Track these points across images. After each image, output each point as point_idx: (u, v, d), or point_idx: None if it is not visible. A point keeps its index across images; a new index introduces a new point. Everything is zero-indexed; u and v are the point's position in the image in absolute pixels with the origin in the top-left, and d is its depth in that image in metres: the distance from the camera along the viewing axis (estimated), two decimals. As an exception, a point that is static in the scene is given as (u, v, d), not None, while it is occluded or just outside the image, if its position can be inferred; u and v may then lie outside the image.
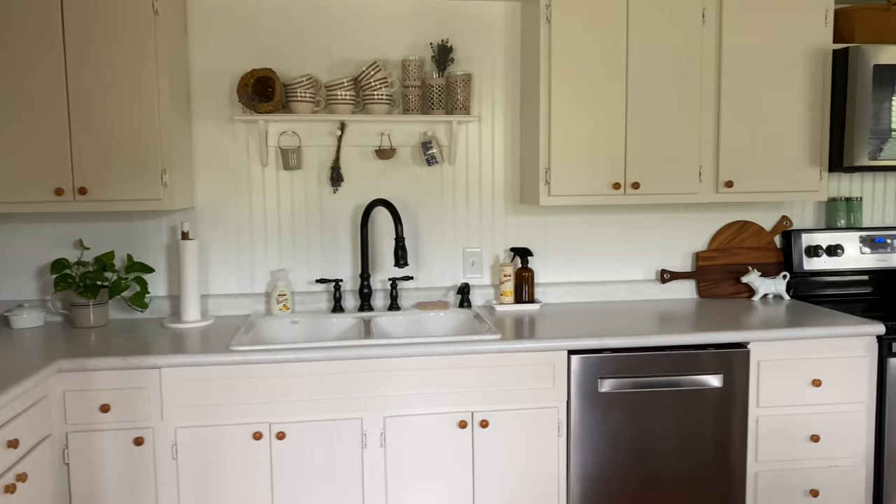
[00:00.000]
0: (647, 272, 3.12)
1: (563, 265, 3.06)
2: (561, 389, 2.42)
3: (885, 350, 2.53)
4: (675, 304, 2.97)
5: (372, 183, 2.91)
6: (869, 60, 2.65)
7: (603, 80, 2.65)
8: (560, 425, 2.43)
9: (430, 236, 2.97)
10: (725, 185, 2.74)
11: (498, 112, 2.95)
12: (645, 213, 3.09)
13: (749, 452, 2.52)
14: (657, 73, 2.67)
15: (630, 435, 2.46)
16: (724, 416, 2.49)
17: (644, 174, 2.71)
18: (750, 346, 2.49)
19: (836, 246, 3.05)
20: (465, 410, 2.38)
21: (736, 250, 3.11)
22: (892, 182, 3.20)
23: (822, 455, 2.55)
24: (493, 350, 2.36)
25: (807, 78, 2.74)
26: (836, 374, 2.53)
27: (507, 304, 2.92)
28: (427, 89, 2.81)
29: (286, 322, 2.77)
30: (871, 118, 2.67)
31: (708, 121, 2.72)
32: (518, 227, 3.02)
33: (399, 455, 2.37)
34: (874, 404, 2.57)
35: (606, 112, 2.66)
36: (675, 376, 2.46)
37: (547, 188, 2.69)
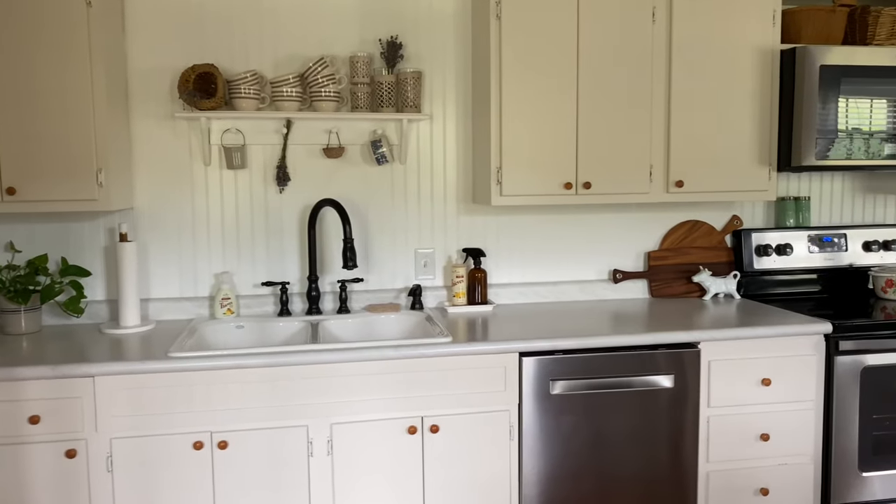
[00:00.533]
0: (599, 272, 3.10)
1: (516, 266, 3.03)
2: (512, 392, 2.38)
3: (832, 348, 2.55)
4: (628, 304, 2.96)
5: (320, 182, 2.84)
6: (815, 61, 2.67)
7: (554, 79, 2.62)
8: (512, 429, 2.39)
9: (381, 237, 2.91)
10: (676, 185, 2.74)
11: (450, 110, 2.90)
12: (597, 213, 3.07)
13: (700, 452, 2.52)
14: (608, 73, 2.65)
15: (582, 437, 2.43)
16: (676, 416, 2.48)
17: (595, 174, 2.69)
18: (700, 346, 2.49)
19: (785, 245, 3.08)
20: (414, 415, 2.32)
21: (687, 250, 3.12)
22: (839, 181, 3.25)
23: (772, 454, 2.56)
24: (443, 353, 2.31)
25: (755, 78, 2.76)
26: (785, 373, 2.54)
27: (459, 305, 2.87)
28: (376, 87, 2.75)
29: (231, 326, 2.68)
30: (818, 118, 2.69)
31: (658, 120, 2.72)
32: (471, 228, 2.98)
33: (347, 463, 2.30)
34: (822, 402, 2.59)
35: (557, 111, 2.64)
36: (627, 377, 2.44)
37: (499, 188, 2.64)
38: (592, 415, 2.43)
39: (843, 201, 3.26)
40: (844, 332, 2.55)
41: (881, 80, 2.73)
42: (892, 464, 2.61)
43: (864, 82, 2.71)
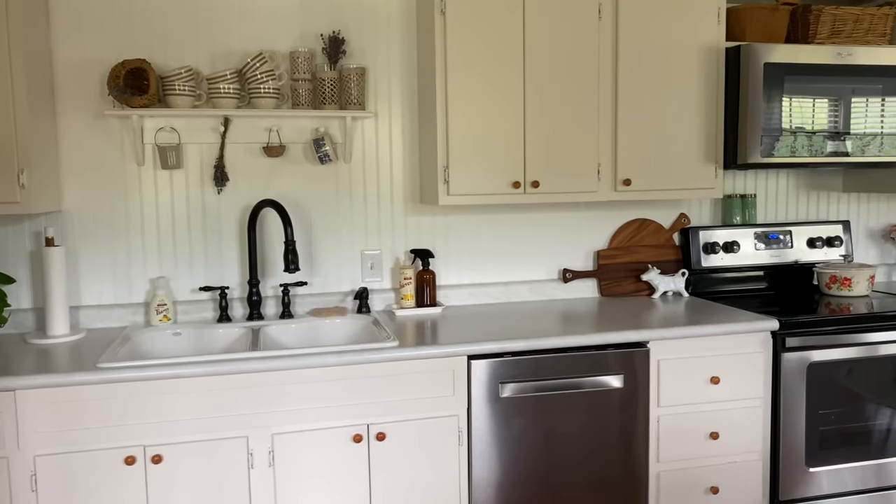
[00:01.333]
0: (549, 272, 3.07)
1: (465, 266, 2.97)
2: (461, 396, 2.32)
3: (778, 345, 2.56)
4: (578, 304, 2.93)
5: (260, 182, 2.73)
6: (759, 59, 2.68)
7: (500, 76, 2.57)
8: (461, 434, 2.33)
9: (326, 239, 2.82)
10: (623, 184, 2.71)
11: (396, 108, 2.83)
12: (547, 213, 3.04)
13: (651, 452, 2.50)
14: (555, 70, 2.62)
15: (533, 440, 2.39)
16: (626, 416, 2.46)
17: (543, 173, 2.65)
18: (650, 345, 2.47)
19: (732, 243, 3.09)
20: (360, 423, 2.24)
21: (636, 248, 3.10)
22: (784, 179, 3.28)
23: (722, 452, 2.56)
24: (389, 358, 2.24)
25: (701, 76, 2.75)
26: (733, 371, 2.54)
27: (408, 308, 2.80)
28: (318, 83, 2.66)
29: (167, 334, 2.56)
30: (763, 116, 2.70)
31: (606, 118, 2.69)
32: (419, 228, 2.91)
33: (290, 474, 2.21)
34: (770, 399, 2.59)
35: (504, 109, 2.59)
36: (577, 378, 2.41)
37: (446, 187, 2.58)
38: (542, 417, 2.39)
39: (789, 199, 3.29)
40: (791, 329, 2.56)
41: (823, 79, 2.75)
42: (838, 458, 2.64)
43: (806, 80, 2.73)
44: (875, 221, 3.40)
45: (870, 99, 2.81)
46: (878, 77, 2.80)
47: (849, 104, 2.80)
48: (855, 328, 2.61)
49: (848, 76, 2.77)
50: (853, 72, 2.77)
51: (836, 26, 2.90)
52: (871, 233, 3.40)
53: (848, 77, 2.77)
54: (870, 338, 2.62)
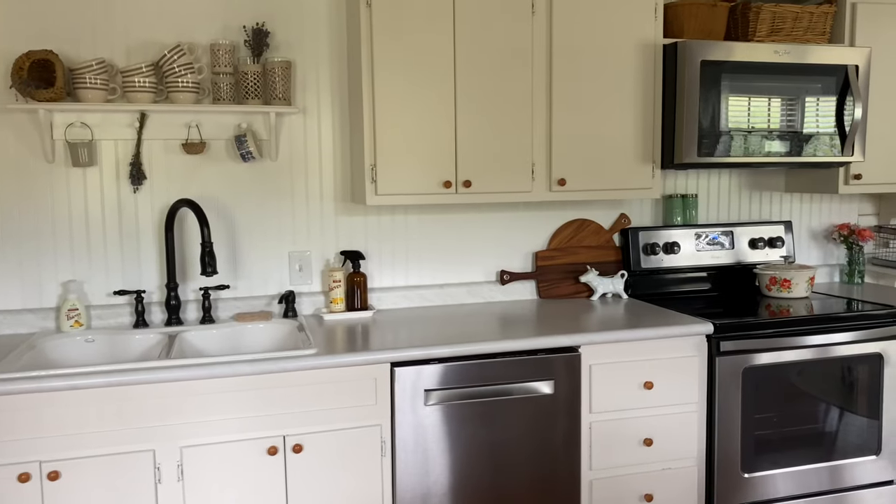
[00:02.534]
0: (487, 273, 2.98)
1: (399, 268, 2.87)
2: (384, 406, 2.23)
3: (713, 349, 2.51)
4: (514, 306, 2.85)
5: (180, 181, 2.61)
6: (696, 56, 2.62)
7: (430, 72, 2.48)
8: (384, 444, 2.24)
9: (252, 240, 2.70)
10: (558, 184, 2.64)
11: (325, 104, 2.72)
12: (484, 213, 2.95)
13: (583, 460, 2.43)
14: (487, 67, 2.53)
15: (461, 450, 2.30)
16: (557, 423, 2.38)
17: (476, 172, 2.56)
18: (581, 349, 2.40)
19: (672, 243, 3.04)
20: (275, 435, 2.14)
21: (575, 249, 3.04)
22: (725, 179, 3.23)
23: (656, 458, 2.50)
24: (306, 367, 2.13)
25: (638, 73, 2.69)
26: (667, 376, 2.48)
27: (337, 312, 2.69)
28: (241, 77, 2.54)
29: (79, 341, 2.42)
30: (700, 115, 2.65)
31: (540, 117, 2.61)
32: (350, 229, 2.81)
33: (200, 489, 2.09)
34: (705, 404, 2.54)
35: (435, 106, 2.49)
36: (506, 384, 2.33)
37: (373, 186, 2.48)
38: (471, 426, 2.31)
39: (731, 199, 3.25)
40: (725, 333, 2.51)
41: (761, 77, 2.70)
42: (773, 464, 2.60)
43: (744, 78, 2.68)
44: (818, 222, 3.38)
45: (808, 98, 2.77)
46: (816, 76, 2.76)
47: (787, 103, 2.75)
48: (791, 331, 2.57)
49: (786, 74, 2.73)
50: (791, 70, 2.73)
51: (776, 24, 2.86)
52: (813, 233, 3.38)
53: (786, 76, 2.73)
54: (806, 340, 2.58)
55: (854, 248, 3.29)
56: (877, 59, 2.94)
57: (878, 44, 2.93)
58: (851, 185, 2.99)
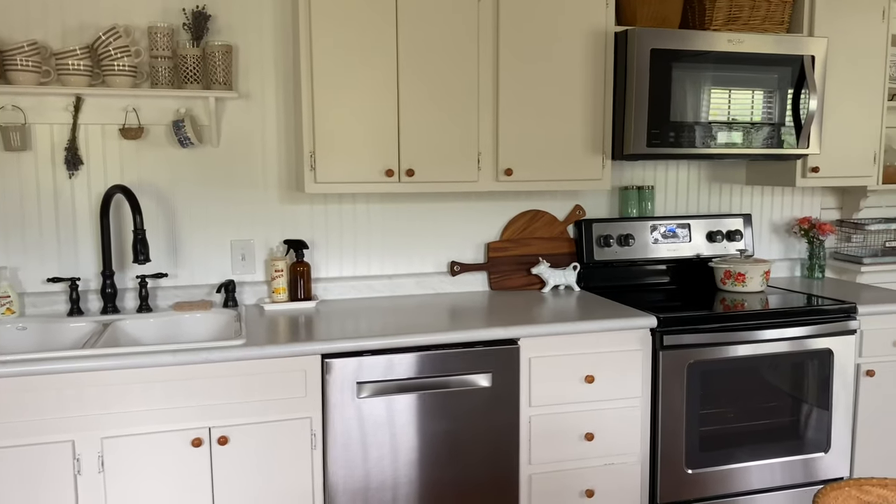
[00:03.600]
0: (438, 264, 2.94)
1: (347, 258, 2.83)
2: (314, 398, 2.18)
3: (657, 343, 2.47)
4: (464, 298, 2.80)
5: (118, 166, 2.55)
6: (646, 44, 2.56)
7: (371, 56, 2.42)
8: (314, 437, 2.20)
9: (193, 227, 2.65)
10: (505, 174, 2.59)
11: (269, 89, 2.66)
12: (435, 202, 2.90)
13: (522, 455, 2.39)
14: (432, 52, 2.47)
15: (396, 443, 2.26)
16: (495, 417, 2.34)
17: (420, 161, 2.51)
18: (520, 342, 2.35)
19: (626, 236, 2.99)
20: (200, 427, 2.09)
21: (528, 240, 2.99)
22: (684, 170, 3.18)
23: (597, 454, 2.46)
24: (233, 358, 2.09)
25: (588, 62, 2.63)
26: (610, 370, 2.44)
27: (280, 302, 2.65)
28: (180, 61, 2.48)
29: (9, 328, 2.37)
30: (650, 105, 2.59)
31: (486, 105, 2.56)
32: (296, 217, 2.76)
33: (122, 481, 2.05)
34: (649, 399, 2.50)
35: (376, 92, 2.44)
36: (442, 377, 2.28)
37: (313, 174, 2.43)
38: (406, 419, 2.26)
39: (690, 191, 3.20)
40: (670, 327, 2.46)
41: (715, 67, 2.65)
42: (717, 460, 2.56)
43: (697, 68, 2.63)
44: (779, 215, 3.33)
45: (764, 89, 2.72)
46: (772, 66, 2.71)
47: (742, 94, 2.70)
48: (737, 326, 2.53)
49: (741, 64, 2.67)
50: (746, 60, 2.67)
51: (733, 13, 2.80)
52: (775, 227, 3.33)
53: (741, 65, 2.68)
54: (753, 336, 2.54)
55: (815, 243, 3.24)
56: (836, 49, 2.88)
57: (838, 34, 2.88)
58: (809, 178, 2.94)
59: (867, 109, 2.96)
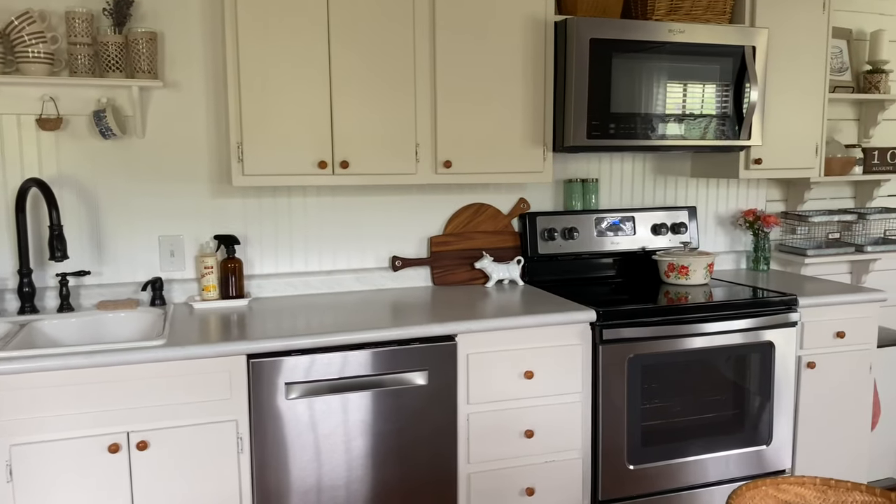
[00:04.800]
0: (379, 259, 2.86)
1: (283, 254, 2.73)
2: (240, 399, 2.09)
3: (597, 337, 2.42)
4: (405, 294, 2.73)
5: (36, 159, 2.43)
6: (585, 34, 2.52)
7: (301, 43, 2.33)
8: (241, 440, 2.11)
9: (118, 223, 2.53)
10: (444, 166, 2.52)
11: (197, 78, 2.56)
12: (376, 195, 2.82)
13: (460, 453, 2.33)
14: (366, 40, 2.39)
15: (328, 444, 2.18)
16: (432, 416, 2.28)
17: (354, 152, 2.43)
18: (458, 338, 2.29)
19: (571, 229, 2.95)
20: (117, 431, 1.99)
21: (472, 234, 2.93)
22: (629, 163, 3.15)
23: (537, 451, 2.41)
24: (151, 359, 1.99)
25: (528, 51, 2.58)
26: (550, 365, 2.39)
27: (210, 300, 2.55)
28: (101, 48, 2.37)
29: (-83, 331, 2.24)
30: (589, 96, 2.54)
31: (424, 95, 2.49)
32: (228, 211, 2.66)
33: (33, 492, 1.94)
34: (590, 394, 2.46)
35: (308, 81, 2.35)
36: (376, 376, 2.21)
37: (241, 166, 2.34)
38: (339, 419, 2.19)
39: (635, 184, 3.17)
40: (609, 320, 2.42)
41: (656, 57, 2.61)
42: (659, 456, 2.53)
43: (637, 58, 2.59)
44: (725, 208, 3.32)
45: (705, 80, 2.69)
46: (713, 57, 2.68)
47: (683, 85, 2.67)
48: (678, 319, 2.50)
49: (682, 55, 2.64)
50: (687, 51, 2.64)
51: (675, 2, 2.77)
52: (720, 219, 3.32)
53: (682, 56, 2.64)
54: (694, 329, 2.51)
55: (759, 235, 3.24)
56: (778, 41, 2.87)
57: (780, 25, 2.87)
58: (752, 171, 2.93)
59: (809, 101, 2.96)
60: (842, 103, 3.42)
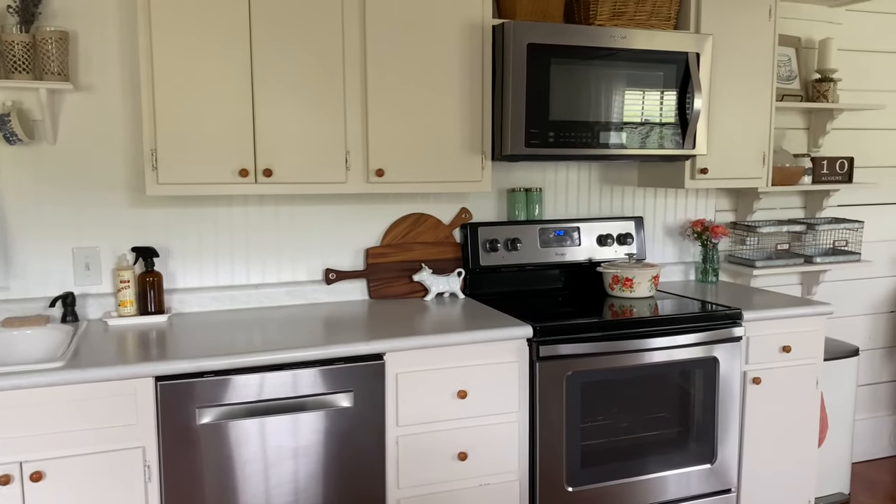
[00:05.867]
0: (313, 272, 2.73)
1: (208, 266, 2.59)
2: (148, 425, 1.95)
3: (534, 354, 2.32)
4: (339, 309, 2.61)
5: (-66, 166, 2.27)
6: (522, 38, 2.42)
7: (221, 44, 2.20)
8: (149, 468, 1.96)
9: (27, 234, 2.37)
10: (376, 174, 2.41)
11: (114, 81, 2.41)
12: (308, 205, 2.70)
13: (389, 478, 2.21)
14: (291, 41, 2.27)
15: (245, 472, 2.05)
16: (359, 439, 2.16)
17: (279, 160, 2.30)
18: (386, 357, 2.17)
19: (514, 240, 2.85)
20: (9, 462, 1.84)
21: (411, 245, 2.81)
22: (574, 172, 3.06)
23: (472, 474, 2.30)
24: (51, 382, 1.84)
25: (465, 56, 2.48)
26: (484, 384, 2.28)
27: (128, 316, 2.40)
28: (6, 48, 2.21)
29: None
30: (528, 103, 2.45)
31: (354, 101, 2.37)
32: (150, 222, 2.51)
33: (-88, 528, 1.78)
34: (527, 414, 2.36)
35: (228, 83, 2.22)
36: (298, 398, 2.08)
37: (155, 174, 2.20)
38: (257, 445, 2.06)
39: (580, 193, 3.08)
40: (546, 336, 2.32)
41: (598, 63, 2.53)
42: (599, 477, 2.44)
43: (578, 65, 2.50)
44: (673, 218, 3.25)
45: (648, 87, 2.62)
46: (656, 63, 2.61)
47: (626, 92, 2.59)
48: (618, 334, 2.41)
49: (624, 61, 2.56)
50: (628, 57, 2.56)
51: (618, 7, 2.69)
52: (669, 230, 3.25)
53: (624, 63, 2.56)
54: (634, 344, 2.42)
55: (708, 246, 3.18)
56: (724, 47, 2.80)
57: (726, 32, 2.80)
58: (698, 180, 2.86)
59: (756, 110, 2.90)
60: (791, 112, 3.37)
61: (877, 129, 3.55)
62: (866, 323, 3.70)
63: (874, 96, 3.51)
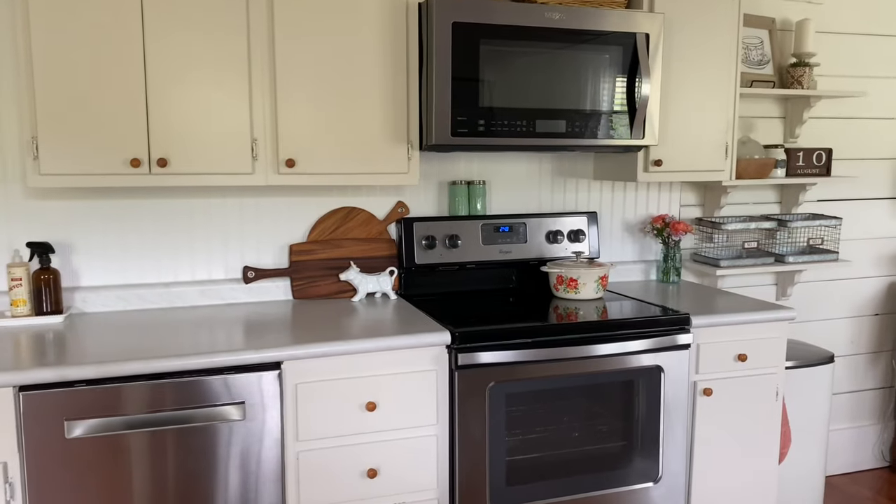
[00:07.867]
0: (231, 270, 2.55)
1: (114, 263, 2.41)
2: (9, 439, 1.78)
3: (453, 362, 2.13)
4: (256, 310, 2.42)
5: None
6: (447, 17, 2.21)
7: (109, 17, 2.01)
8: (11, 486, 1.79)
9: (-89, 228, 2.21)
10: (287, 165, 2.21)
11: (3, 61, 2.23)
12: (227, 197, 2.51)
13: (289, 498, 2.03)
14: (186, 13, 2.08)
15: (120, 492, 1.87)
16: (253, 455, 1.97)
17: (175, 148, 2.11)
18: (284, 365, 1.99)
19: (453, 236, 2.65)
20: None
21: (340, 242, 2.62)
22: (524, 164, 2.84)
23: (385, 492, 2.11)
24: None
25: (387, 36, 2.27)
26: (397, 395, 2.09)
27: (21, 316, 2.23)
28: None
29: None
30: (454, 88, 2.24)
31: (261, 82, 2.17)
32: (49, 215, 2.33)
33: None
34: (447, 428, 2.16)
35: (116, 63, 2.03)
36: (184, 409, 1.90)
37: (36, 164, 2.02)
38: (137, 461, 1.88)
39: (530, 186, 2.87)
40: (466, 343, 2.12)
41: (535, 45, 2.31)
42: (528, 495, 2.24)
43: (510, 45, 2.28)
44: (633, 213, 3.03)
45: (592, 71, 2.40)
46: (601, 45, 2.38)
47: (565, 76, 2.37)
48: (546, 341, 2.20)
49: (563, 43, 2.34)
50: (567, 38, 2.34)
51: (563, -16, 2.47)
52: (628, 226, 3.03)
53: (563, 44, 2.34)
54: (565, 352, 2.21)
55: (669, 243, 2.95)
56: (681, 28, 2.57)
57: (684, 11, 2.57)
58: (651, 173, 2.64)
59: (717, 96, 2.67)
60: (765, 100, 3.14)
61: (858, 118, 3.30)
62: (848, 326, 3.46)
63: (856, 83, 3.26)
